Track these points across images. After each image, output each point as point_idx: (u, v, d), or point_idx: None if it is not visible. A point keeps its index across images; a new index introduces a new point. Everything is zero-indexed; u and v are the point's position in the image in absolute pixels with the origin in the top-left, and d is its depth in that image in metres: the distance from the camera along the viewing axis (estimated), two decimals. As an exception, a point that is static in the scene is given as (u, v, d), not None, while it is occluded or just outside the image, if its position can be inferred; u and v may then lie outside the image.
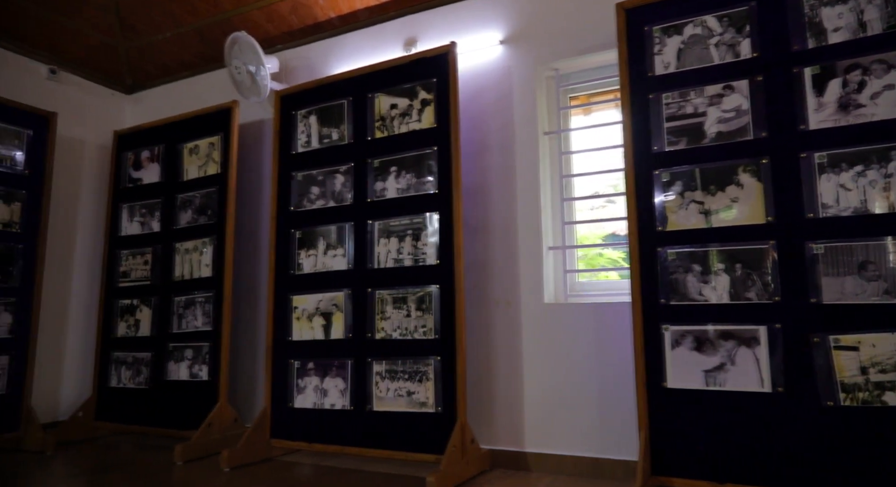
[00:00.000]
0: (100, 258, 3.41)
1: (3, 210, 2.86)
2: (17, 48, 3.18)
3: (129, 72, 3.63)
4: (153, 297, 3.08)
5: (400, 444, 2.28)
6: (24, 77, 3.21)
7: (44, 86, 3.30)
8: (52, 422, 3.15)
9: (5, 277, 2.84)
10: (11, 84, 3.14)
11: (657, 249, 1.97)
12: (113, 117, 3.67)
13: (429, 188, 2.39)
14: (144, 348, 3.05)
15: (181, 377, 2.89)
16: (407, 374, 2.32)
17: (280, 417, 2.57)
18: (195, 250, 2.98)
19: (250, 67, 2.88)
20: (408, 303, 2.36)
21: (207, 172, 3.01)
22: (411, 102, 2.49)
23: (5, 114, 2.90)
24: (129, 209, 3.27)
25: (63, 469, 2.48)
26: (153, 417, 2.93)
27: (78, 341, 3.37)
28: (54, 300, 3.26)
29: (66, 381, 3.30)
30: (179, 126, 3.17)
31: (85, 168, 3.48)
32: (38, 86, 3.27)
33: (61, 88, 3.39)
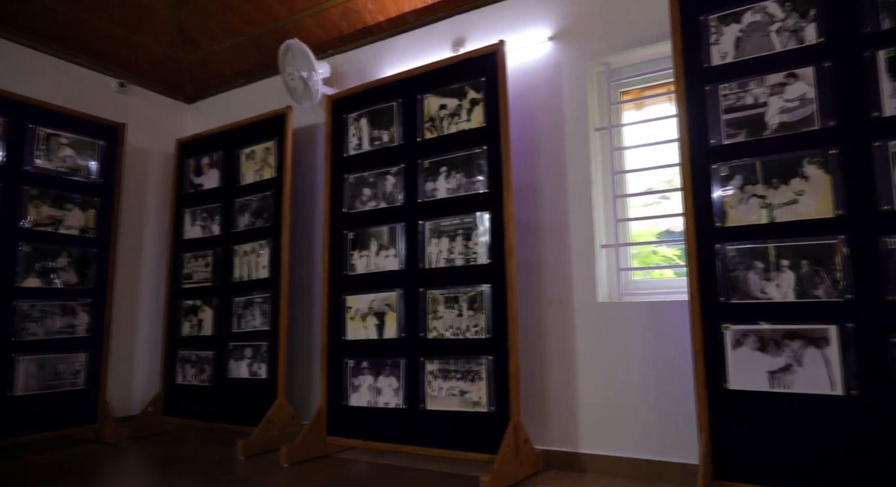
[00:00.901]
0: (165, 261, 3.58)
1: (80, 217, 3.05)
2: (91, 64, 3.38)
3: (191, 82, 3.80)
4: (214, 298, 3.20)
5: (453, 443, 2.29)
6: (96, 91, 3.41)
7: (114, 99, 3.50)
8: (126, 416, 3.33)
9: (82, 279, 3.02)
10: (86, 98, 3.34)
11: (715, 245, 1.90)
12: (176, 126, 3.84)
13: (479, 188, 2.39)
14: (207, 346, 3.18)
15: (241, 375, 2.99)
16: (459, 373, 2.33)
17: (336, 415, 2.63)
18: (253, 252, 3.08)
19: (303, 72, 2.96)
20: (459, 302, 2.37)
21: (263, 177, 3.12)
22: (460, 102, 2.49)
23: (82, 126, 3.09)
24: (191, 214, 3.42)
25: (137, 461, 2.61)
26: (216, 413, 3.05)
27: (147, 339, 3.55)
28: (125, 301, 3.44)
29: (137, 377, 3.49)
30: (237, 133, 3.29)
31: (151, 175, 3.67)
32: (108, 99, 3.47)
33: (129, 101, 3.58)
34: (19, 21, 3.00)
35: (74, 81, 3.32)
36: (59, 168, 2.99)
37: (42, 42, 3.15)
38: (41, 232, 2.89)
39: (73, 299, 2.98)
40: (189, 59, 3.60)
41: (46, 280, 2.89)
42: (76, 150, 3.06)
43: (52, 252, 2.92)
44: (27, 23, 3.03)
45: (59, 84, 3.24)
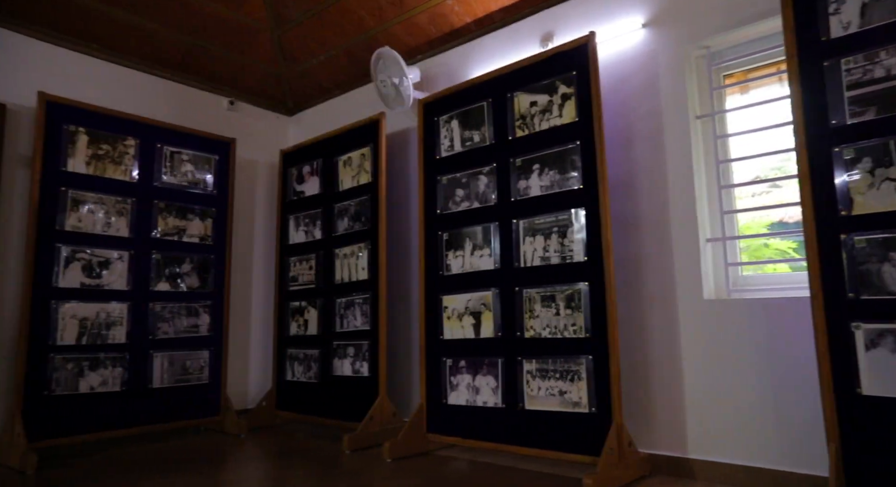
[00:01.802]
0: (273, 265, 3.82)
1: (200, 226, 3.33)
2: (205, 86, 3.68)
3: (291, 96, 4.03)
4: (318, 299, 3.37)
5: (553, 443, 2.26)
6: (210, 110, 3.71)
7: (225, 116, 3.79)
8: (243, 409, 3.59)
9: (203, 283, 3.29)
10: (201, 116, 3.63)
11: (841, 236, 1.73)
12: (279, 138, 4.09)
13: (573, 184, 2.34)
14: (313, 345, 3.35)
15: (345, 373, 3.13)
16: (558, 373, 2.29)
17: (435, 412, 2.67)
18: (352, 254, 3.21)
19: (394, 79, 3.04)
20: (556, 301, 2.33)
21: (360, 182, 3.24)
22: (551, 97, 2.46)
23: (199, 143, 3.37)
24: (295, 220, 3.62)
25: (254, 451, 2.81)
26: (323, 408, 3.21)
27: (259, 338, 3.80)
28: (239, 303, 3.71)
29: (252, 374, 3.75)
30: (334, 141, 3.45)
31: (258, 185, 3.93)
32: (220, 116, 3.76)
33: (238, 117, 3.86)
34: (146, 51, 3.32)
35: (191, 102, 3.62)
36: (181, 182, 3.28)
37: (165, 69, 3.47)
38: (168, 241, 3.19)
39: (196, 301, 3.25)
40: (289, 74, 3.82)
41: (174, 284, 3.18)
42: (195, 165, 3.35)
43: (178, 259, 3.21)
44: (153, 53, 3.35)
45: (179, 106, 3.56)
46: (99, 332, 2.89)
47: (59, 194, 2.84)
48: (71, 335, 2.80)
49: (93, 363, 2.85)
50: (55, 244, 2.80)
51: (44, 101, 2.82)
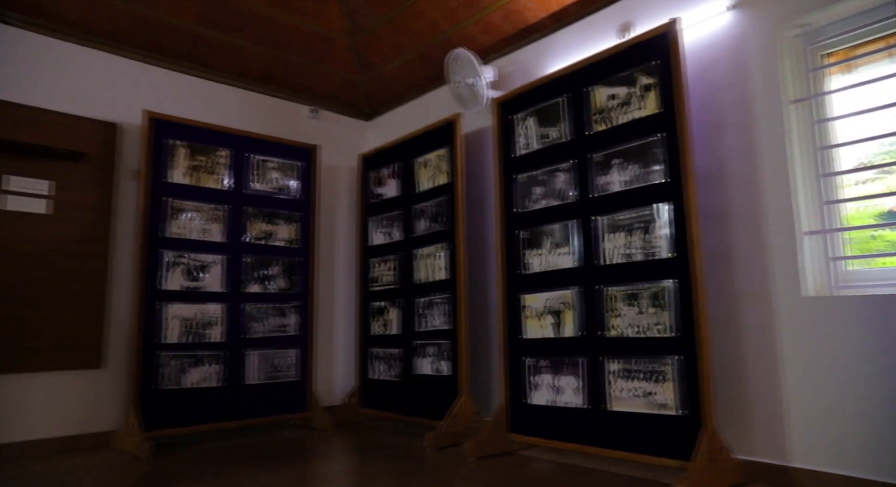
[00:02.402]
0: (355, 266, 3.95)
1: (288, 230, 3.50)
2: (288, 96, 3.86)
3: (368, 101, 4.14)
4: (399, 299, 3.45)
5: (639, 446, 2.19)
6: (293, 118, 3.89)
7: (307, 124, 3.95)
8: (329, 406, 3.73)
9: (291, 285, 3.46)
10: (285, 125, 3.82)
11: (967, 225, 1.57)
12: (358, 143, 4.21)
13: (657, 178, 2.26)
14: (395, 345, 3.43)
15: (426, 372, 3.18)
16: (644, 374, 2.22)
17: (517, 412, 2.66)
18: (432, 255, 3.26)
19: (469, 79, 3.06)
20: (641, 299, 2.26)
21: (438, 183, 3.28)
22: (631, 89, 2.38)
23: (284, 151, 3.54)
24: (375, 222, 3.72)
25: (340, 446, 2.91)
26: (405, 406, 3.28)
27: (344, 338, 3.94)
28: (325, 303, 3.86)
29: (337, 372, 3.89)
30: (411, 143, 3.51)
31: (340, 189, 4.07)
32: (303, 124, 3.93)
33: (319, 124, 4.02)
34: (233, 66, 3.53)
35: (276, 112, 3.81)
36: (269, 189, 3.46)
37: (251, 82, 3.68)
38: (258, 245, 3.37)
39: (285, 302, 3.42)
40: (366, 80, 3.93)
41: (263, 286, 3.35)
42: (281, 172, 3.52)
43: (267, 262, 3.39)
44: (240, 68, 3.55)
45: (265, 116, 3.75)
46: (199, 331, 3.10)
47: (163, 204, 3.07)
48: (175, 333, 3.02)
49: (194, 360, 3.06)
50: (160, 250, 3.03)
51: (149, 118, 3.07)
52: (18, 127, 2.79)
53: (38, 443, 2.74)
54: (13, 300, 2.71)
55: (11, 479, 2.32)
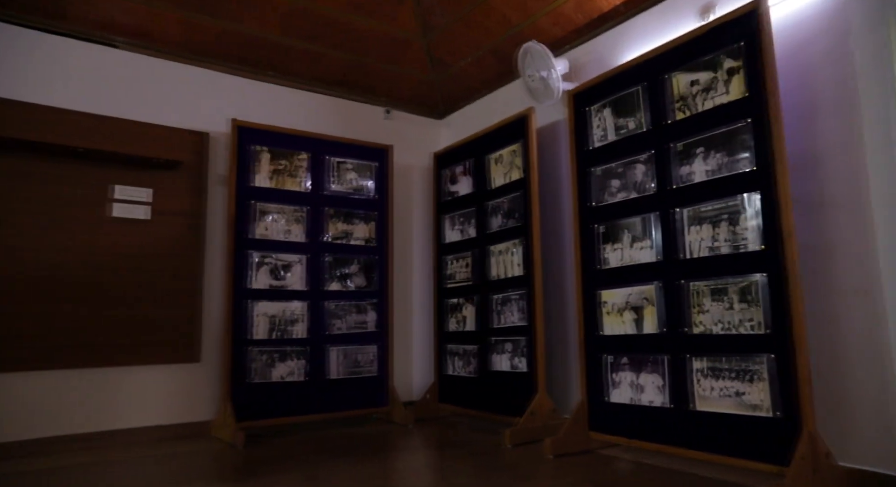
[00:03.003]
0: (430, 264, 3.99)
1: (365, 229, 3.59)
2: (363, 98, 3.97)
3: (441, 100, 4.18)
4: (475, 296, 3.46)
5: (729, 449, 2.08)
6: (368, 120, 3.99)
7: (382, 125, 4.04)
8: (408, 401, 3.80)
9: (369, 282, 3.55)
10: (360, 127, 3.92)
11: None
12: (431, 141, 4.26)
13: (744, 166, 2.13)
14: (471, 341, 3.45)
15: (503, 368, 3.17)
16: (734, 372, 2.10)
17: (597, 410, 2.60)
18: (507, 251, 3.24)
19: (542, 72, 3.02)
20: (728, 294, 2.14)
21: (512, 178, 3.26)
22: (715, 74, 2.26)
23: (360, 152, 3.64)
24: (449, 219, 3.75)
25: (420, 441, 2.97)
26: (482, 402, 3.29)
27: (421, 334, 4.00)
28: (401, 300, 3.94)
29: (415, 368, 3.96)
30: (484, 140, 3.51)
31: (414, 188, 4.14)
32: (377, 125, 4.02)
33: (393, 124, 4.10)
34: (312, 72, 3.67)
35: (351, 114, 3.92)
36: (346, 189, 3.57)
37: (328, 87, 3.80)
38: (337, 244, 3.49)
39: (363, 299, 3.52)
40: (438, 79, 3.96)
41: (343, 284, 3.47)
42: (358, 172, 3.62)
43: (346, 261, 3.50)
44: (318, 73, 3.69)
45: (341, 119, 3.87)
46: (284, 328, 3.25)
47: (249, 207, 3.24)
48: (262, 330, 3.18)
49: (280, 355, 3.21)
50: (247, 251, 3.20)
51: (235, 126, 3.25)
52: (123, 140, 3.03)
53: (147, 430, 2.97)
54: (122, 300, 2.96)
55: (127, 461, 2.54)
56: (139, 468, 2.44)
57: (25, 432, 2.70)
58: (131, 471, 2.38)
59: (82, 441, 2.80)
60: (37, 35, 2.94)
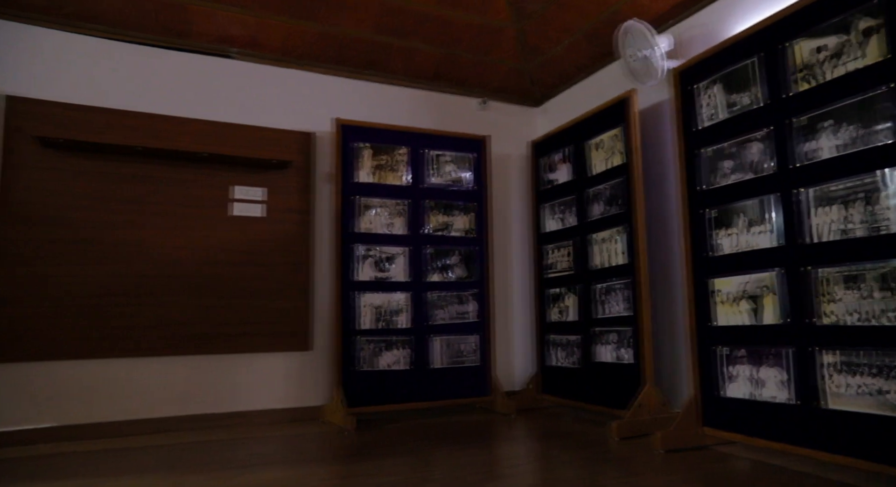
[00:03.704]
0: (530, 253, 3.96)
1: (464, 220, 3.63)
2: (458, 91, 3.99)
3: (536, 87, 4.11)
4: (576, 285, 3.38)
5: (868, 452, 1.89)
6: (463, 112, 4.01)
7: (477, 116, 4.05)
8: (510, 391, 3.81)
9: (469, 273, 3.59)
10: (457, 119, 3.95)
11: None
12: (528, 130, 4.21)
13: (882, 138, 1.91)
14: (573, 331, 3.38)
15: (607, 359, 3.08)
16: (874, 368, 1.90)
17: (710, 405, 2.47)
18: (609, 239, 3.14)
19: (643, 52, 2.88)
20: (866, 281, 1.93)
21: (613, 164, 3.15)
22: (847, 36, 2.04)
23: (457, 144, 3.68)
24: (549, 208, 3.69)
25: (523, 431, 2.96)
26: (586, 394, 3.22)
27: (521, 324, 3.98)
28: (501, 291, 3.94)
29: (516, 358, 3.95)
30: (583, 125, 3.41)
31: (512, 177, 4.11)
32: (473, 117, 4.03)
33: (489, 115, 4.09)
34: (407, 68, 3.74)
35: (447, 107, 3.96)
36: (445, 182, 3.62)
37: (423, 81, 3.87)
38: (438, 236, 3.55)
39: (464, 290, 3.56)
40: (533, 66, 3.90)
41: (444, 275, 3.53)
42: (456, 164, 3.66)
43: (446, 252, 3.56)
44: (413, 69, 3.75)
45: (437, 112, 3.92)
46: (389, 318, 3.36)
47: (352, 202, 3.38)
48: (368, 320, 3.32)
49: (386, 345, 3.33)
50: (352, 245, 3.34)
51: (338, 125, 3.39)
52: (240, 144, 3.27)
53: (265, 412, 3.20)
54: (241, 292, 3.20)
55: (249, 439, 2.76)
56: (260, 446, 2.63)
57: (159, 411, 3.01)
58: (253, 449, 2.58)
59: (208, 421, 3.08)
60: (164, 53, 3.23)
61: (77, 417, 2.85)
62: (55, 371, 2.83)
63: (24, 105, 2.88)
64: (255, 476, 2.13)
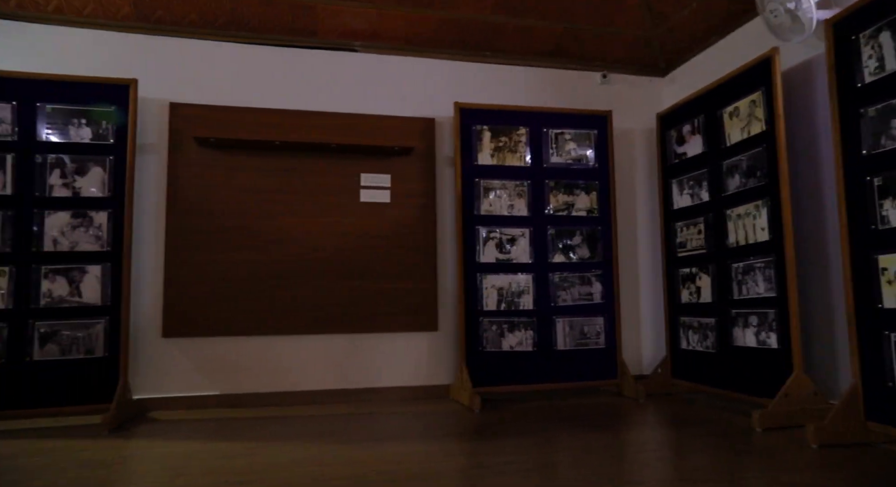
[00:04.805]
0: (658, 232, 3.77)
1: (586, 200, 3.54)
2: (578, 66, 3.87)
3: (662, 56, 3.87)
4: (710, 264, 3.17)
5: None
6: (584, 88, 3.88)
7: (598, 91, 3.90)
8: (639, 375, 3.68)
9: (593, 253, 3.50)
10: (577, 96, 3.84)
11: None
12: (653, 102, 3.98)
13: None
14: (707, 313, 3.18)
15: (748, 344, 2.87)
16: None
17: (876, 396, 2.21)
18: (748, 214, 2.90)
19: (788, 4, 2.59)
20: None
21: (751, 133, 2.89)
22: None
23: (578, 121, 3.58)
24: (678, 183, 3.48)
25: (654, 416, 2.85)
26: (723, 380, 3.02)
27: (649, 306, 3.82)
28: (627, 271, 3.80)
29: (644, 340, 3.80)
30: (715, 93, 3.16)
31: (636, 153, 3.93)
32: (594, 92, 3.89)
33: (610, 89, 3.93)
34: (525, 47, 3.69)
35: (567, 84, 3.86)
36: (566, 160, 3.54)
37: (541, 59, 3.79)
38: (560, 216, 3.49)
39: (588, 270, 3.47)
40: (657, 33, 3.67)
41: (567, 256, 3.47)
42: (577, 142, 3.57)
43: (569, 232, 3.49)
44: (531, 47, 3.69)
45: (557, 90, 3.83)
46: (512, 300, 3.37)
47: (474, 185, 3.42)
48: (492, 302, 3.35)
49: (510, 326, 3.35)
50: (475, 227, 3.39)
51: (458, 109, 3.44)
52: (366, 133, 3.43)
53: (394, 389, 3.37)
54: (371, 275, 3.38)
55: (381, 414, 2.93)
56: (392, 421, 2.78)
57: (301, 384, 3.28)
58: (386, 423, 2.73)
59: (343, 395, 3.30)
60: (295, 52, 3.46)
61: (238, 387, 3.20)
62: (219, 346, 3.19)
63: (184, 110, 3.24)
64: (391, 449, 2.26)
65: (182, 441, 2.42)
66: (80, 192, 2.94)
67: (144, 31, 3.27)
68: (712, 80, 3.28)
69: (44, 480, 1.89)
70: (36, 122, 2.93)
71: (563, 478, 1.85)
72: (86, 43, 3.20)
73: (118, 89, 3.03)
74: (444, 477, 1.87)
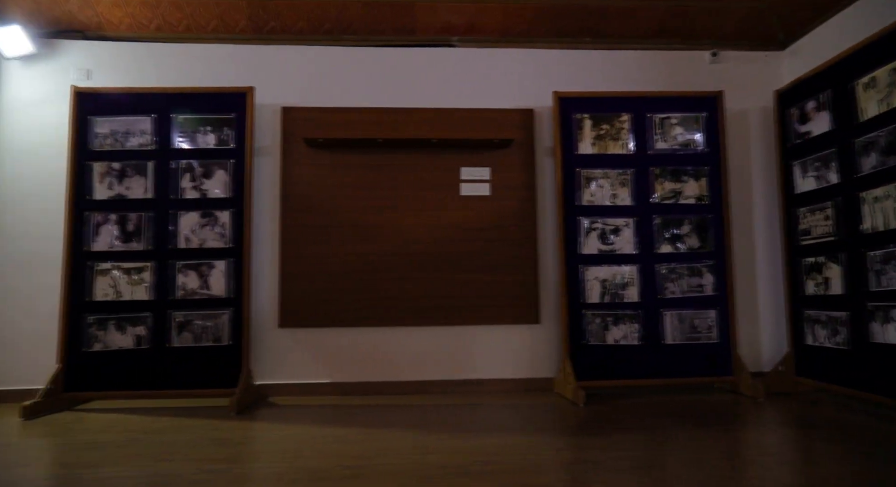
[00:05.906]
0: (777, 218, 3.49)
1: (695, 186, 3.35)
2: (685, 45, 3.66)
3: (780, 27, 3.56)
4: (840, 253, 2.89)
5: None
6: (691, 68, 3.66)
7: (708, 70, 3.67)
8: (757, 372, 3.44)
9: (703, 243, 3.31)
10: (683, 76, 3.64)
11: None
12: (770, 78, 3.68)
13: None
14: (838, 307, 2.91)
15: (889, 341, 2.59)
16: None
17: None
18: (886, 197, 2.61)
19: (936, -41, 2.29)
20: None
21: (891, 105, 2.59)
22: None
23: (685, 104, 3.39)
24: (800, 165, 3.20)
25: (774, 416, 2.66)
26: (857, 379, 2.76)
27: (768, 298, 3.55)
28: (743, 261, 3.55)
29: (763, 335, 3.54)
30: (845, 64, 2.87)
31: (751, 134, 3.65)
32: (703, 72, 3.66)
33: (721, 67, 3.68)
34: (627, 29, 3.54)
35: (672, 65, 3.66)
36: (672, 146, 3.37)
37: (644, 41, 3.62)
38: (666, 205, 3.33)
39: (698, 261, 3.29)
40: (773, 3, 3.38)
41: (674, 246, 3.30)
42: (683, 127, 3.38)
43: (676, 221, 3.32)
44: (633, 29, 3.54)
45: (661, 72, 3.64)
46: (616, 292, 3.27)
47: (575, 175, 3.34)
48: (595, 294, 3.27)
49: (614, 319, 3.25)
50: (577, 218, 3.32)
51: (557, 98, 3.38)
52: (465, 127, 3.46)
53: (497, 381, 3.39)
54: (473, 268, 3.41)
55: (487, 406, 2.96)
56: (495, 413, 2.80)
57: (406, 374, 3.38)
58: (489, 415, 2.76)
59: (446, 386, 3.36)
60: (395, 51, 3.56)
61: (348, 375, 3.36)
62: (328, 336, 3.37)
63: (294, 113, 3.44)
64: (492, 440, 2.29)
65: (299, 425, 2.60)
66: (206, 193, 3.22)
67: (259, 42, 3.50)
68: (840, 49, 2.97)
69: (183, 454, 2.10)
70: (170, 131, 3.24)
71: (675, 478, 1.78)
72: (209, 56, 3.49)
73: (237, 97, 3.28)
74: (548, 471, 1.86)
